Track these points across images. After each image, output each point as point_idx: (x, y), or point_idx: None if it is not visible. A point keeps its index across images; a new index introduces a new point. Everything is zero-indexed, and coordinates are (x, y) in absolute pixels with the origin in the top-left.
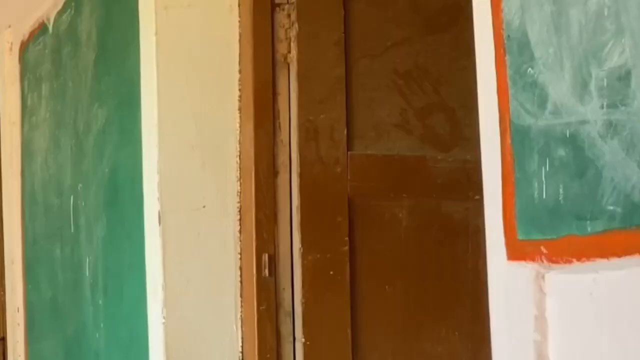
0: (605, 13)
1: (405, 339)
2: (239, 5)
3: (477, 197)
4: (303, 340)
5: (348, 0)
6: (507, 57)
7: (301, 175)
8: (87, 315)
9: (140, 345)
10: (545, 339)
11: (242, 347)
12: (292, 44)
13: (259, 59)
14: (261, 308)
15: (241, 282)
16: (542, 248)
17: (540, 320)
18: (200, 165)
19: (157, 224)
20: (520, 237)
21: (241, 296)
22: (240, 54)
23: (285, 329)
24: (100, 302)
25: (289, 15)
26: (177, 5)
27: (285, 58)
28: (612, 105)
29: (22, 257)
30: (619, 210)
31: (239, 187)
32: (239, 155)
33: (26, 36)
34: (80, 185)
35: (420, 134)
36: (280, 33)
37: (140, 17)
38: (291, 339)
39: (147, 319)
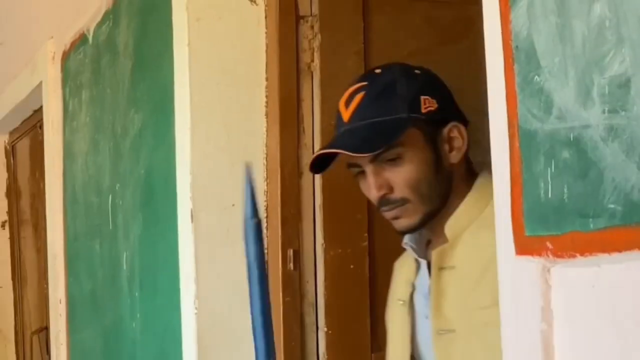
0: (607, 24)
1: None
2: (265, 18)
3: None
4: (325, 329)
5: (367, 13)
6: (515, 66)
7: (323, 176)
8: (124, 306)
9: (174, 335)
10: (551, 328)
11: None
12: (315, 53)
13: (284, 67)
14: (286, 299)
15: (268, 274)
16: (548, 243)
17: (547, 311)
18: (229, 167)
19: (190, 221)
20: (527, 233)
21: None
22: (267, 63)
23: (309, 319)
24: (137, 294)
25: (312, 27)
26: (208, 17)
27: (309, 67)
28: (613, 111)
29: (64, 252)
30: (619, 208)
31: (265, 187)
32: (266, 157)
33: (67, 46)
34: (118, 185)
35: None
36: (304, 43)
37: (174, 29)
38: (314, 328)
39: (180, 310)
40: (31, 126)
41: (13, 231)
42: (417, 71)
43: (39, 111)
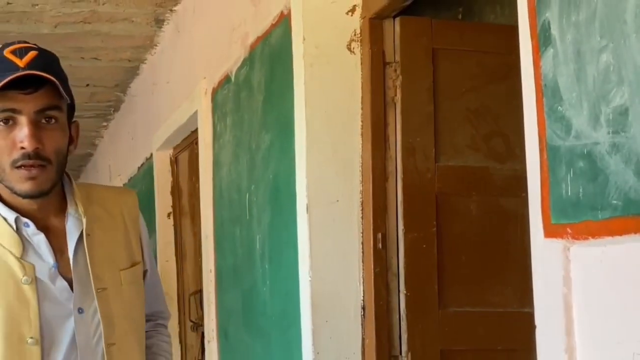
0: (611, 69)
1: (474, 292)
2: (361, 63)
3: (523, 194)
4: (405, 292)
5: (436, 60)
6: (544, 99)
7: (403, 180)
8: (257, 276)
9: (294, 296)
10: (570, 292)
11: (363, 297)
12: (397, 90)
13: (375, 100)
14: (376, 270)
15: (362, 252)
16: (568, 229)
17: (567, 279)
18: (334, 173)
19: (305, 213)
20: (553, 222)
21: (362, 262)
22: (362, 97)
23: (393, 284)
24: (266, 267)
25: (395, 70)
26: (318, 63)
27: (393, 100)
28: (616, 132)
29: (213, 234)
30: (620, 203)
31: (361, 188)
32: (361, 166)
33: (216, 84)
34: (252, 186)
35: (484, 151)
36: (389, 82)
37: (294, 72)
38: (397, 291)
39: (298, 279)
40: (189, 143)
41: (176, 220)
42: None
43: (195, 132)
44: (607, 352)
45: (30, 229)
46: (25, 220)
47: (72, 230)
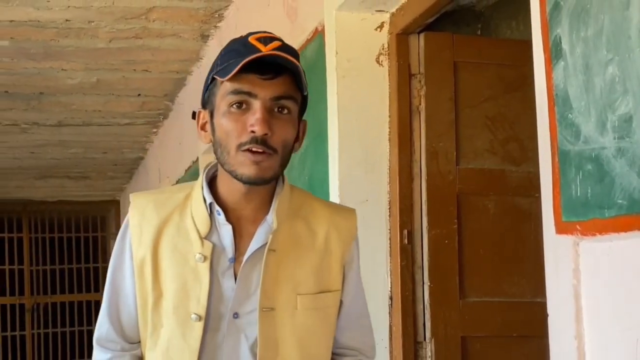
0: (616, 80)
1: (491, 283)
2: (388, 75)
3: (537, 194)
4: (429, 283)
5: (457, 72)
6: (555, 108)
7: (427, 181)
8: None
9: None
10: (579, 283)
11: (390, 288)
12: (421, 99)
13: (401, 108)
14: (402, 264)
15: (390, 247)
16: (577, 226)
17: (576, 271)
18: (364, 174)
19: None
20: (563, 219)
21: (390, 256)
22: (389, 105)
23: (418, 276)
24: None
25: (420, 81)
26: (350, 75)
27: (418, 108)
28: (621, 138)
29: None
30: (625, 203)
31: (388, 188)
32: (389, 168)
33: None
34: None
35: (501, 155)
36: (414, 92)
37: (328, 82)
38: (421, 283)
39: None
40: None
41: None
42: None
43: None
44: (613, 337)
45: (221, 218)
46: (218, 208)
47: (259, 238)
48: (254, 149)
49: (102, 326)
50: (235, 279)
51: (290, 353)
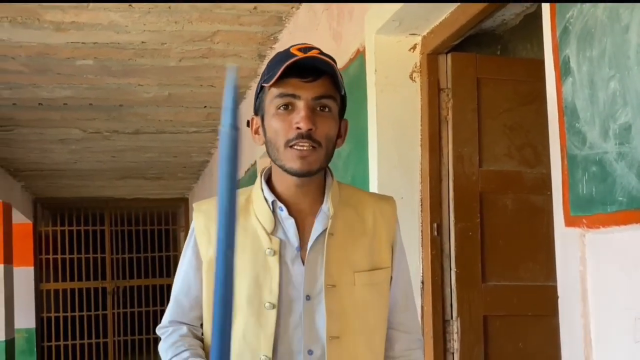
0: (617, 94)
1: (509, 269)
2: (420, 90)
3: (549, 193)
4: (455, 270)
5: (480, 87)
6: (564, 118)
7: (454, 181)
8: None
9: None
10: (585, 269)
11: (422, 274)
12: (449, 110)
13: (431, 118)
14: (432, 253)
15: (422, 238)
16: (584, 220)
17: (583, 259)
18: (400, 176)
19: None
20: (572, 214)
21: (422, 246)
22: (421, 116)
23: (446, 264)
24: None
25: (447, 95)
26: (387, 90)
27: (446, 118)
28: (621, 144)
29: None
30: (625, 200)
31: (420, 187)
32: (421, 170)
33: None
34: None
35: (518, 159)
36: (443, 104)
37: (368, 96)
38: (449, 270)
39: None
40: None
41: None
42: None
43: None
44: (614, 316)
45: (284, 213)
46: (280, 204)
47: (319, 225)
48: (300, 144)
49: (164, 319)
50: (303, 264)
51: (352, 324)
